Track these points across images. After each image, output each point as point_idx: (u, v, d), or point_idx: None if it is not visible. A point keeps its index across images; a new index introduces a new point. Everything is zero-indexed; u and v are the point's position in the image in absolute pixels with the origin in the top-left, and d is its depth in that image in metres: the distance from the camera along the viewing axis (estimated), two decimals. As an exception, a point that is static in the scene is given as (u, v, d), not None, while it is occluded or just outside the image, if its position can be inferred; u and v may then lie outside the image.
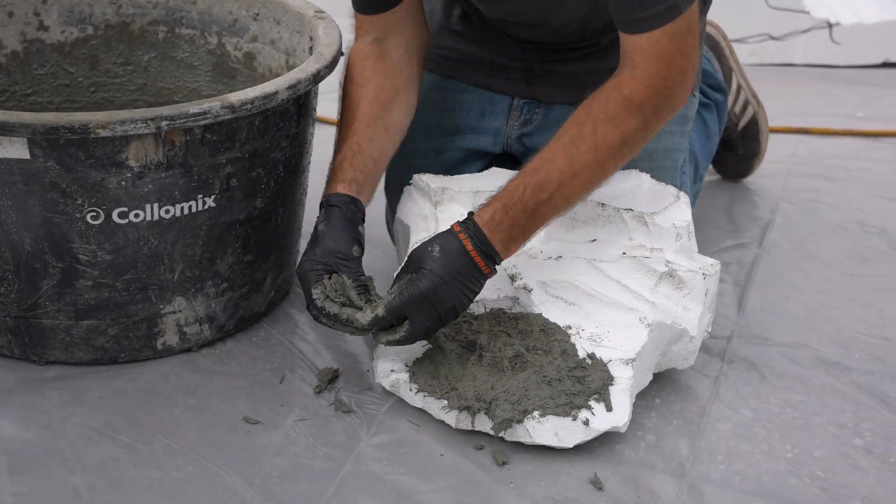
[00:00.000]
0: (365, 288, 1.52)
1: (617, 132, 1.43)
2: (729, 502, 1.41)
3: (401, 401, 1.57)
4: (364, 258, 1.60)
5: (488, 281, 1.51)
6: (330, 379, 1.62)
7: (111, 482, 1.42)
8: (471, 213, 1.49)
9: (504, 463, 1.46)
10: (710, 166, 2.32)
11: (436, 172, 1.75)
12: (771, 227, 2.14)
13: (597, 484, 1.43)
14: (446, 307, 1.46)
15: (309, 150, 1.77)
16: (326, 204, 1.58)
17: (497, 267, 1.49)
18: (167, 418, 1.55)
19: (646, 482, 1.44)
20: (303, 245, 1.97)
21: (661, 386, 1.61)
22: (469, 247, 1.47)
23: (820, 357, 1.71)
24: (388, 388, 1.57)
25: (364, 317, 1.48)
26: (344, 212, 1.56)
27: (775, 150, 2.38)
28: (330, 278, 1.51)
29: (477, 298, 1.51)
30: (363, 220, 1.59)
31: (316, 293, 1.52)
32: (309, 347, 1.72)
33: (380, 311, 1.47)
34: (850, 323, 1.81)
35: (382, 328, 1.49)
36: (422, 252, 1.48)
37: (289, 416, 1.55)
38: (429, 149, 1.84)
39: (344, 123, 1.67)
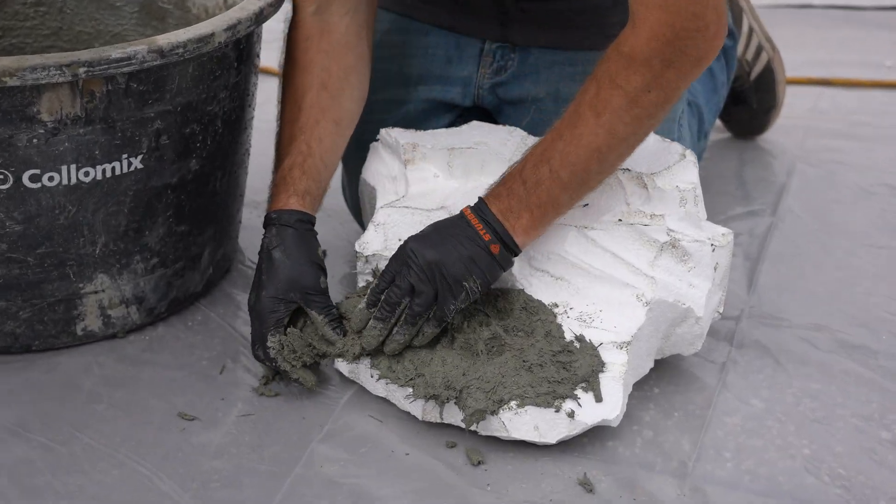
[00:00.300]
0: (339, 321, 1.55)
1: (620, 93, 1.44)
2: (737, 505, 1.42)
3: (360, 393, 1.58)
4: (319, 230, 1.61)
5: None
6: (276, 367, 1.63)
7: (24, 489, 1.42)
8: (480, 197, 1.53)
9: (479, 463, 1.47)
10: (719, 122, 2.33)
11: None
12: (786, 192, 2.16)
13: (587, 486, 1.44)
14: (446, 263, 1.47)
15: (252, 104, 1.77)
16: (278, 223, 1.58)
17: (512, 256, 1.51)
18: (89, 415, 1.54)
19: (642, 483, 1.45)
20: (245, 214, 1.98)
21: (660, 374, 1.62)
22: (467, 211, 1.50)
23: (842, 340, 1.73)
24: (346, 374, 1.58)
25: (343, 344, 1.54)
26: (301, 234, 1.58)
27: (792, 103, 2.39)
28: (286, 332, 1.55)
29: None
30: (317, 241, 1.61)
31: (272, 342, 1.55)
32: (253, 332, 1.72)
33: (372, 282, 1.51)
34: (877, 302, 1.83)
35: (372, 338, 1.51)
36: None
37: (230, 412, 1.55)
38: (387, 101, 1.84)
39: (287, 118, 1.67)
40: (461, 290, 1.48)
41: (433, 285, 1.48)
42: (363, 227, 1.85)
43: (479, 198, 1.52)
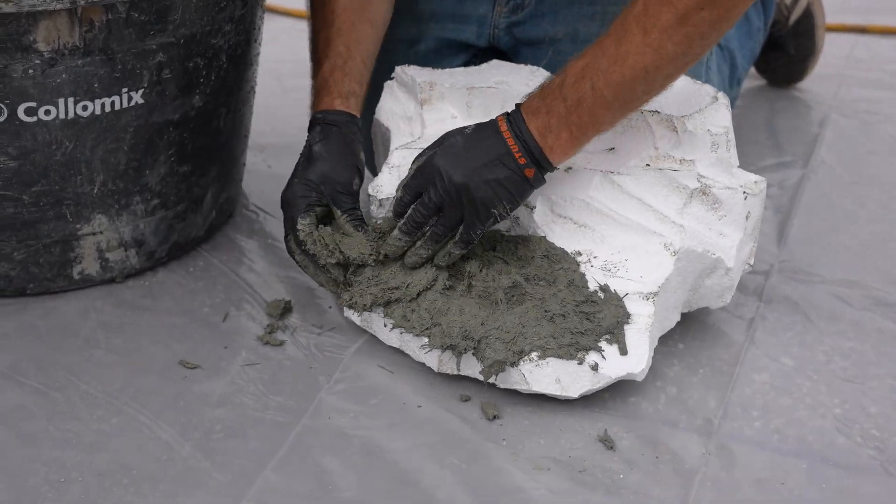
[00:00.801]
0: (361, 223, 1.56)
1: (670, 9, 1.42)
2: (765, 465, 1.42)
3: (370, 343, 1.58)
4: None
5: None
6: (281, 313, 1.63)
7: (19, 435, 1.42)
8: (517, 105, 1.51)
9: (495, 417, 1.47)
10: (754, 69, 2.32)
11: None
12: (819, 143, 2.15)
13: (607, 442, 1.44)
14: (474, 186, 1.46)
15: (258, 38, 1.76)
16: (323, 121, 1.60)
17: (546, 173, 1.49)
18: (86, 361, 1.55)
19: (666, 441, 1.45)
20: (250, 158, 1.97)
21: (684, 329, 1.62)
22: (502, 125, 1.48)
23: (875, 297, 1.73)
24: (357, 322, 1.57)
25: (365, 243, 1.54)
26: (344, 133, 1.59)
27: (827, 51, 2.39)
28: (318, 222, 1.55)
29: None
30: (362, 145, 1.62)
31: (303, 224, 1.54)
32: (258, 279, 1.72)
33: (398, 192, 1.51)
34: (913, 257, 1.83)
35: (396, 248, 1.52)
36: (450, 131, 1.52)
37: (234, 361, 1.56)
38: (398, 39, 1.83)
39: (322, 22, 1.67)
40: (489, 215, 1.48)
41: (460, 207, 1.48)
42: (373, 167, 1.85)
43: (517, 106, 1.50)
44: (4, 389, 1.49)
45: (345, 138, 1.59)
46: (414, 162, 1.52)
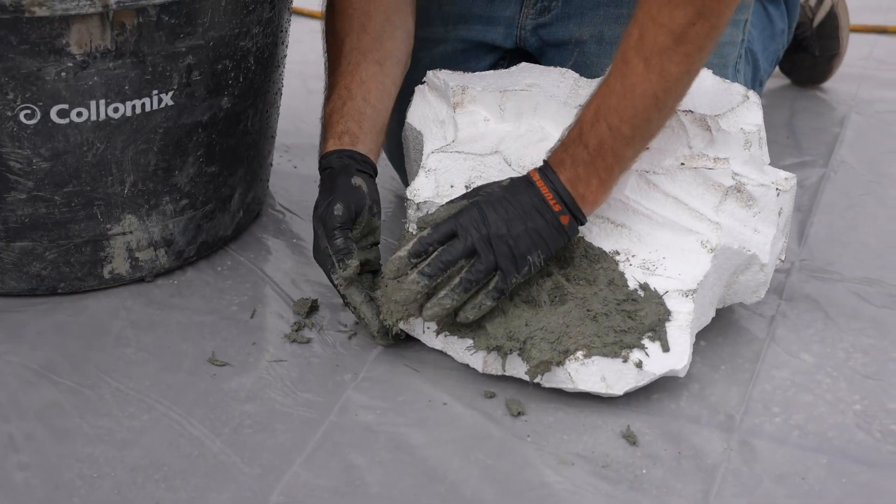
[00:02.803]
0: (345, 253, 1.55)
1: (664, 31, 1.43)
2: (786, 460, 1.43)
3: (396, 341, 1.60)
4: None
5: None
6: (308, 311, 1.65)
7: (53, 431, 1.44)
8: (545, 160, 1.52)
9: (520, 413, 1.49)
10: (778, 70, 2.33)
11: (431, 68, 1.76)
12: (839, 142, 2.16)
13: (630, 438, 1.45)
14: (513, 235, 1.46)
15: (285, 41, 1.78)
16: (321, 170, 1.62)
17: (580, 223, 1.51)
18: (117, 359, 1.57)
19: (688, 437, 1.46)
20: (276, 158, 2.00)
21: (706, 326, 1.63)
22: (536, 177, 1.49)
23: (895, 295, 1.74)
24: (401, 326, 1.55)
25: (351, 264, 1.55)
26: (332, 171, 1.60)
27: (847, 51, 2.38)
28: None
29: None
30: (363, 171, 1.61)
31: (337, 280, 1.57)
32: (285, 278, 1.74)
33: (412, 228, 1.54)
34: (933, 255, 1.84)
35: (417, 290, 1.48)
36: (485, 184, 1.53)
37: (262, 357, 1.58)
38: (425, 39, 1.84)
39: (330, 68, 1.69)
40: (525, 263, 1.47)
41: (495, 255, 1.47)
42: (402, 172, 1.86)
43: (545, 161, 1.52)
44: (38, 387, 1.51)
45: (328, 177, 1.60)
46: (444, 206, 1.51)
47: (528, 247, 1.47)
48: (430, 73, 1.73)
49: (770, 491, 1.38)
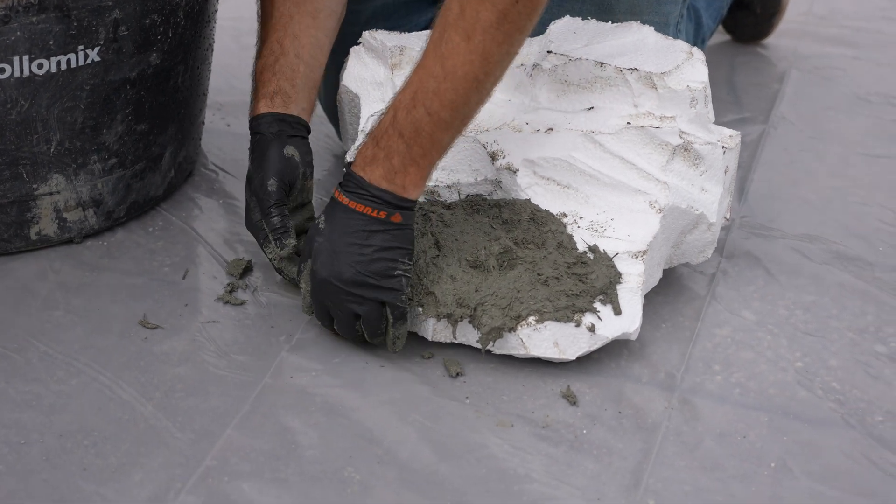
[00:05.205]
0: (282, 232, 1.53)
1: (487, 6, 1.35)
2: (727, 418, 1.43)
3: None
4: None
5: (464, 161, 1.51)
6: (241, 272, 1.62)
7: (-24, 397, 1.41)
8: (348, 164, 1.46)
9: (458, 374, 1.47)
10: (721, 27, 2.32)
11: (367, 23, 1.72)
12: (779, 98, 2.15)
13: (570, 398, 1.44)
14: (368, 273, 1.42)
15: (215, -5, 1.74)
16: (251, 132, 1.58)
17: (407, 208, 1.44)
18: (45, 322, 1.53)
19: (628, 396, 1.45)
20: (208, 117, 1.96)
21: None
22: (343, 199, 1.43)
23: (836, 251, 1.73)
24: None
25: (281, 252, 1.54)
26: (263, 138, 1.56)
27: (786, 8, 2.38)
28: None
29: (449, 183, 1.49)
30: (296, 135, 1.58)
31: (269, 254, 1.55)
32: (218, 238, 1.71)
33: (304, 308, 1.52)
34: (873, 211, 1.83)
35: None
36: (312, 228, 1.48)
37: (194, 319, 1.55)
38: None
39: (262, 19, 1.64)
40: (398, 278, 1.43)
41: (367, 300, 1.43)
42: (339, 133, 1.83)
43: (348, 172, 1.45)
44: (-38, 351, 1.48)
45: (263, 142, 1.56)
46: (299, 272, 1.50)
47: (386, 266, 1.43)
48: (366, 34, 1.69)
49: (711, 449, 1.38)
